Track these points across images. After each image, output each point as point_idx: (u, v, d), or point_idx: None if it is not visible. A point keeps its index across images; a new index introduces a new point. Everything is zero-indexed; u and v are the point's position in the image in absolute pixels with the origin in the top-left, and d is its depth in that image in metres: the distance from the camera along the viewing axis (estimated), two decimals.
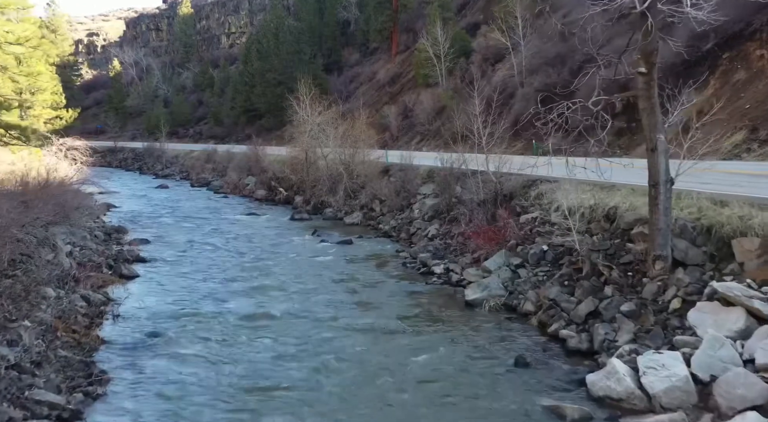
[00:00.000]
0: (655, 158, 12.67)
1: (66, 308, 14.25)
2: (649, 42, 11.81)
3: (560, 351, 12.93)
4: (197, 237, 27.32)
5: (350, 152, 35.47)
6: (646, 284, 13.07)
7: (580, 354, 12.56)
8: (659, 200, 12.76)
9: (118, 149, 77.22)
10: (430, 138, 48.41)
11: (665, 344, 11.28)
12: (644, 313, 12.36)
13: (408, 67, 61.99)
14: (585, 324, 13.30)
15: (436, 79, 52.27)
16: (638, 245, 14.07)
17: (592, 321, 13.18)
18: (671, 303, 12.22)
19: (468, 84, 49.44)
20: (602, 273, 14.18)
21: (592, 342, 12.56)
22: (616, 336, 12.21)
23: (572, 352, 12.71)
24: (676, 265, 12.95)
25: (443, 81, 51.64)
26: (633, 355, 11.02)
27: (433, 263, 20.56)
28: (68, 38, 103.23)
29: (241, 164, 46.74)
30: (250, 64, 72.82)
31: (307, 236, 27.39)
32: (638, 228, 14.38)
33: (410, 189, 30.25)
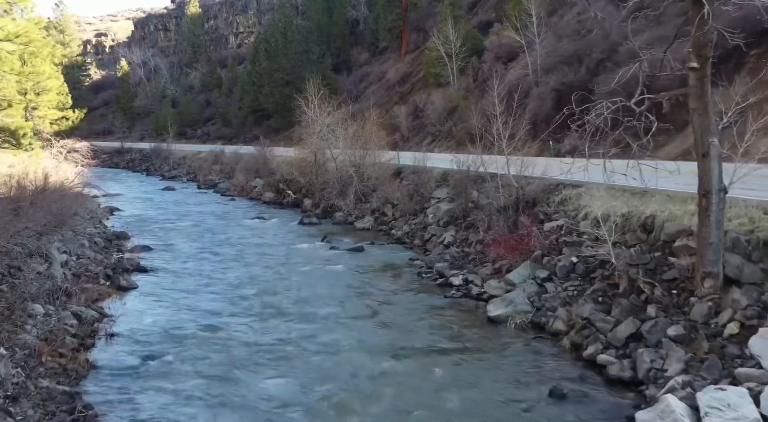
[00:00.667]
0: (706, 164, 11.25)
1: (54, 327, 12.95)
2: (704, 33, 10.38)
3: (599, 379, 11.51)
4: (202, 243, 26.03)
5: (360, 153, 34.13)
6: (695, 305, 11.64)
7: (623, 383, 11.15)
8: (711, 211, 11.33)
9: (125, 150, 76.13)
10: (442, 139, 47.02)
11: (725, 376, 9.87)
12: (696, 338, 10.93)
13: (418, 67, 60.59)
14: (626, 348, 11.89)
15: (447, 78, 50.83)
16: (683, 260, 12.63)
17: (634, 345, 11.76)
18: (727, 328, 10.80)
19: (482, 83, 48.19)
20: (642, 291, 12.76)
21: (636, 370, 11.15)
22: (665, 365, 10.79)
23: (613, 381, 11.30)
24: (729, 283, 11.52)
25: (455, 80, 50.22)
26: (689, 389, 9.61)
27: (450, 273, 19.17)
28: (76, 38, 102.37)
29: (249, 165, 45.46)
30: (258, 63, 71.57)
31: (316, 243, 26.04)
32: (682, 241, 12.95)
33: (424, 193, 28.87)
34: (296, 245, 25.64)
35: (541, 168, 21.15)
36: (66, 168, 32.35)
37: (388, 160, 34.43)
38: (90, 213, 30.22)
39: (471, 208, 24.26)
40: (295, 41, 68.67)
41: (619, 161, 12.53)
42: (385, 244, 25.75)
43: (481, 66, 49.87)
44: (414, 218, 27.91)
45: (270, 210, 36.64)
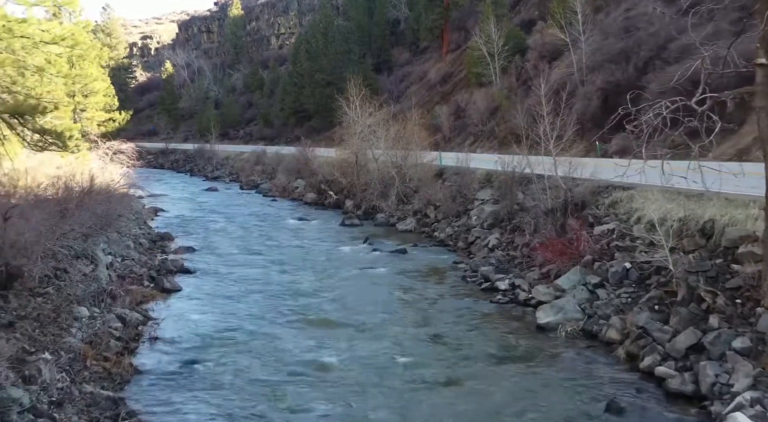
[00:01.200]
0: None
1: (99, 330, 12.89)
2: None
3: (658, 392, 10.92)
4: (244, 245, 25.98)
5: (402, 154, 33.76)
6: (762, 316, 10.96)
7: (684, 398, 10.55)
8: None
9: (169, 151, 77.13)
10: (484, 139, 46.35)
11: None
12: (764, 352, 10.28)
13: (460, 67, 59.93)
14: (686, 360, 11.26)
15: (489, 78, 50.06)
16: (747, 268, 11.94)
17: (696, 357, 11.14)
18: None
19: (524, 82, 47.40)
20: (703, 299, 12.09)
21: (699, 384, 10.52)
22: (730, 380, 10.16)
23: (674, 395, 10.70)
24: None
25: (497, 80, 49.44)
26: (759, 407, 9.00)
27: (496, 277, 18.66)
28: (123, 41, 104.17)
29: (290, 166, 45.48)
30: (299, 64, 71.74)
31: (359, 245, 25.76)
32: (746, 247, 12.25)
33: (467, 194, 28.36)
34: (338, 247, 25.39)
35: (589, 169, 20.46)
36: (112, 169, 32.70)
37: (430, 161, 34.00)
38: (135, 214, 30.48)
39: (516, 210, 23.70)
40: (335, 42, 68.63)
41: (675, 163, 11.91)
42: (427, 246, 25.33)
43: (524, 65, 49.03)
44: (457, 220, 27.43)
45: (311, 211, 36.53)
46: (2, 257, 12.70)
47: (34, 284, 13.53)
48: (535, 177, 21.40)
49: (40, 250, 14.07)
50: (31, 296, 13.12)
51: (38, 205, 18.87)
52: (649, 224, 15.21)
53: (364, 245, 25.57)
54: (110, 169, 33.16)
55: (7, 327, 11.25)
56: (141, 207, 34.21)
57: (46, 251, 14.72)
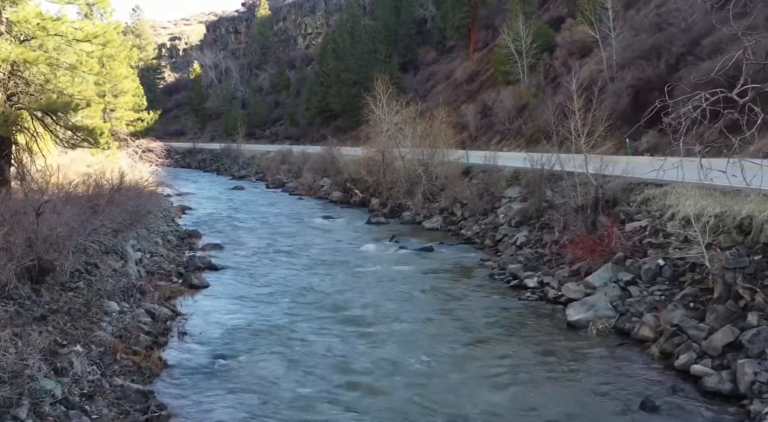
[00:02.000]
0: None
1: (129, 324, 12.95)
2: None
3: (694, 391, 10.65)
4: (271, 242, 26.03)
5: (429, 152, 33.61)
6: None
7: (722, 396, 10.27)
8: None
9: (196, 151, 77.79)
10: (511, 138, 45.99)
11: None
12: None
13: (487, 65, 59.56)
14: (723, 359, 10.98)
15: (517, 76, 49.68)
16: None
17: (733, 355, 10.85)
18: None
19: (553, 80, 46.95)
20: (741, 296, 11.78)
21: (737, 382, 10.24)
22: None
23: (710, 394, 10.43)
24: None
25: (525, 78, 49.04)
26: None
27: (524, 275, 18.45)
28: (152, 42, 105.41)
29: (316, 165, 45.58)
30: (325, 64, 71.89)
31: (385, 243, 25.66)
32: None
33: (494, 192, 28.13)
34: (365, 245, 25.31)
35: (621, 166, 20.13)
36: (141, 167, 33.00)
37: (457, 159, 33.81)
38: (163, 212, 30.72)
39: (545, 207, 23.43)
40: (362, 41, 68.66)
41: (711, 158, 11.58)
42: (454, 244, 25.15)
43: (552, 63, 48.57)
44: (484, 217, 27.21)
45: (337, 209, 36.54)
46: (35, 251, 12.82)
47: (65, 278, 13.64)
48: (566, 174, 21.09)
49: (71, 245, 14.18)
50: (62, 290, 13.22)
51: (70, 201, 19.08)
52: (684, 220, 14.90)
53: (390, 243, 25.48)
54: (139, 167, 33.48)
55: (39, 320, 11.34)
56: (169, 205, 34.49)
57: (78, 246, 14.83)
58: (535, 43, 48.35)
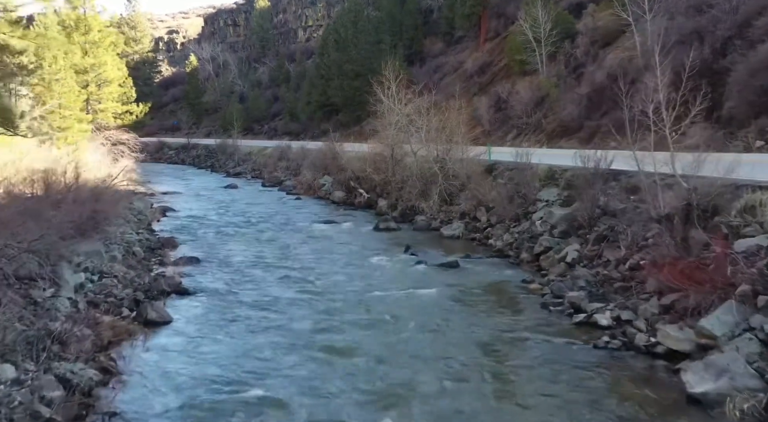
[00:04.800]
0: None
1: (17, 408, 8.06)
2: None
3: None
4: (260, 254, 21.13)
5: (444, 147, 28.74)
6: None
7: None
8: None
9: (191, 146, 72.73)
10: (530, 132, 41.09)
11: None
12: None
13: (499, 55, 54.71)
14: None
15: (534, 66, 44.80)
16: None
17: None
18: None
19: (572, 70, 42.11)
20: None
21: None
22: None
23: None
24: None
25: (543, 68, 44.15)
26: None
27: (591, 307, 13.59)
28: (147, 35, 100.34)
29: (317, 162, 40.63)
30: (326, 55, 67.01)
31: (399, 255, 20.79)
32: None
33: (527, 194, 23.25)
34: (375, 257, 20.45)
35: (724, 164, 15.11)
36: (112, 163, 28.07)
37: (478, 155, 28.97)
38: (138, 215, 25.89)
39: (598, 214, 18.56)
40: (365, 32, 63.85)
41: None
42: (483, 258, 20.28)
43: (573, 51, 43.66)
44: (516, 224, 22.37)
45: (340, 212, 31.68)
46: None
47: None
48: (643, 175, 16.14)
49: None
50: None
51: None
52: None
53: (405, 256, 20.60)
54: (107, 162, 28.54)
55: None
56: (148, 207, 29.57)
57: None
58: (554, 30, 43.52)
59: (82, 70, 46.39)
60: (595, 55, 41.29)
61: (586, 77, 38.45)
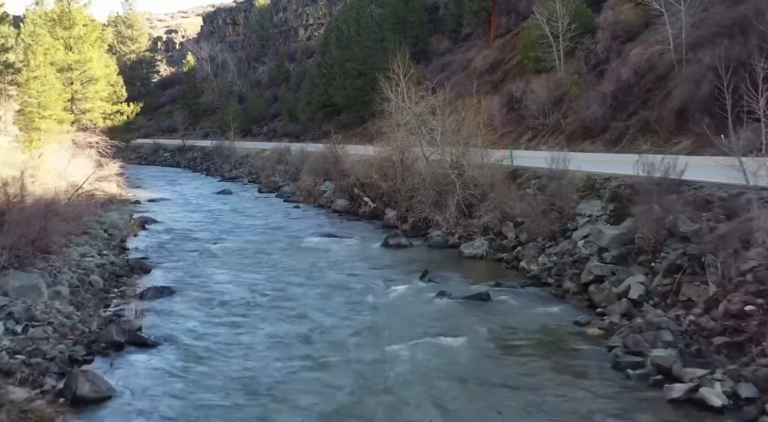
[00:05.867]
0: None
1: None
2: None
3: None
4: (249, 281, 17.27)
5: (460, 151, 24.90)
6: None
7: None
8: None
9: (186, 148, 68.70)
10: (547, 134, 37.25)
11: None
12: None
13: (511, 52, 50.89)
14: None
15: (550, 63, 40.96)
16: None
17: None
18: None
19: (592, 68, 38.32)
20: None
21: None
22: None
23: None
24: None
25: (561, 65, 40.29)
26: None
27: (688, 374, 9.79)
28: (145, 34, 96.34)
29: (317, 166, 36.73)
30: (328, 53, 63.16)
31: (415, 282, 16.95)
32: None
33: (563, 207, 19.41)
34: (386, 286, 16.61)
35: None
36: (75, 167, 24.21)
37: (499, 160, 25.14)
38: (110, 230, 22.05)
39: (665, 236, 14.72)
40: (368, 29, 60.01)
41: None
42: (517, 287, 16.43)
43: (593, 47, 39.81)
44: (552, 244, 18.55)
45: (343, 223, 27.86)
46: None
47: None
48: (754, 191, 12.28)
49: None
50: None
51: None
52: None
53: (422, 284, 16.77)
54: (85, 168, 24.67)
55: None
56: (126, 219, 25.70)
57: None
58: (572, 24, 39.70)
59: (66, 67, 42.68)
60: (619, 50, 37.46)
61: (608, 74, 34.68)
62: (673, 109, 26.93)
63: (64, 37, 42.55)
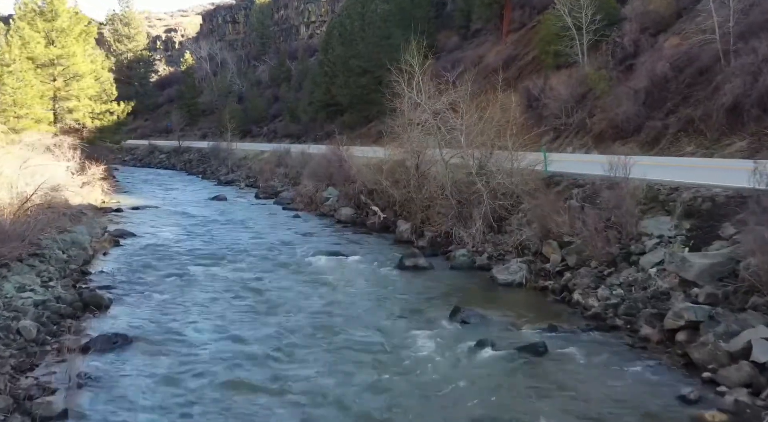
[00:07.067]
0: None
1: None
2: None
3: None
4: (226, 323, 13.28)
5: (486, 153, 20.95)
6: None
7: None
8: None
9: (183, 150, 64.63)
10: (570, 134, 33.38)
11: None
12: None
13: (525, 48, 46.99)
14: None
15: (572, 57, 36.98)
16: None
17: None
18: None
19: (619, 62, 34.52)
20: None
21: None
22: None
23: None
24: None
25: (584, 59, 36.33)
26: None
27: None
28: (142, 32, 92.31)
29: (319, 170, 32.71)
30: (331, 50, 59.24)
31: (443, 324, 12.99)
32: None
33: (622, 223, 15.43)
34: (406, 328, 12.64)
35: None
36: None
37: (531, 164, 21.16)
38: (71, 249, 18.07)
39: None
40: (373, 25, 56.11)
41: None
42: (577, 331, 12.48)
43: (620, 40, 35.81)
44: (612, 271, 14.58)
45: (348, 236, 23.89)
46: None
47: None
48: None
49: None
50: None
51: None
52: None
53: (453, 328, 12.79)
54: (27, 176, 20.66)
55: None
56: (98, 233, 21.71)
57: None
58: (596, 15, 35.74)
59: (47, 62, 38.78)
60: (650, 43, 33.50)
61: (639, 69, 30.81)
62: (724, 106, 23.09)
63: (46, 29, 38.60)
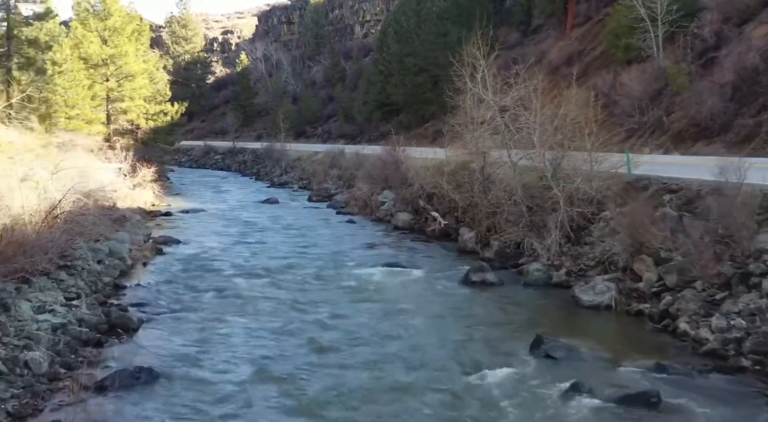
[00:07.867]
0: None
1: None
2: None
3: None
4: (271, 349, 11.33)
5: (562, 154, 18.52)
6: None
7: None
8: None
9: (237, 151, 63.78)
10: (645, 134, 30.33)
11: None
12: None
13: (591, 43, 43.98)
14: None
15: (645, 51, 33.86)
16: None
17: None
18: None
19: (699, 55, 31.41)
20: None
21: None
22: None
23: None
24: None
25: (659, 53, 33.20)
26: None
27: None
28: (199, 34, 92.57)
29: (374, 171, 30.68)
30: (386, 49, 57.37)
31: (523, 357, 10.75)
32: None
33: (736, 237, 12.81)
34: (478, 366, 10.41)
35: None
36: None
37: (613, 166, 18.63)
38: (107, 258, 16.53)
39: None
40: (429, 22, 53.94)
41: None
42: (692, 372, 10.06)
43: (699, 32, 32.54)
44: (726, 295, 12.02)
45: (406, 243, 21.81)
46: None
47: None
48: None
49: None
50: None
51: None
52: None
53: (537, 363, 10.52)
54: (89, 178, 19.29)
55: None
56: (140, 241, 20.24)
57: None
58: (672, 6, 32.57)
59: (100, 62, 38.05)
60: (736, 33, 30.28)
61: (723, 62, 27.72)
62: None
63: (99, 28, 37.87)
